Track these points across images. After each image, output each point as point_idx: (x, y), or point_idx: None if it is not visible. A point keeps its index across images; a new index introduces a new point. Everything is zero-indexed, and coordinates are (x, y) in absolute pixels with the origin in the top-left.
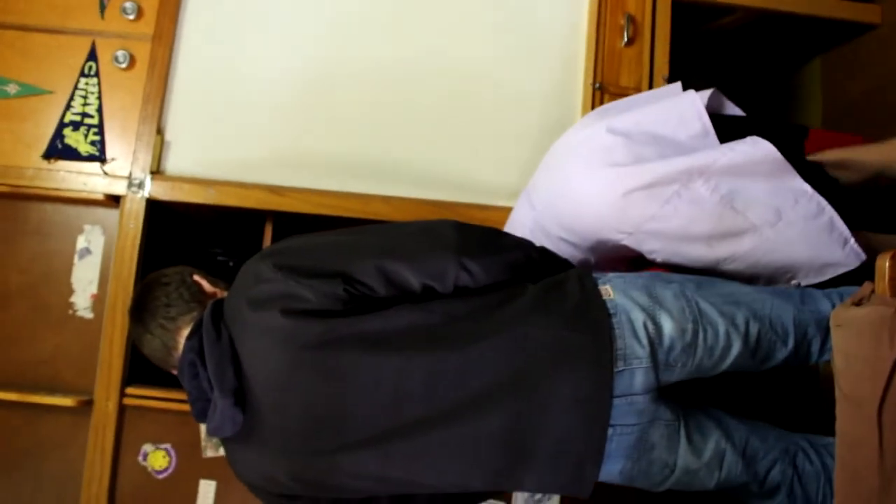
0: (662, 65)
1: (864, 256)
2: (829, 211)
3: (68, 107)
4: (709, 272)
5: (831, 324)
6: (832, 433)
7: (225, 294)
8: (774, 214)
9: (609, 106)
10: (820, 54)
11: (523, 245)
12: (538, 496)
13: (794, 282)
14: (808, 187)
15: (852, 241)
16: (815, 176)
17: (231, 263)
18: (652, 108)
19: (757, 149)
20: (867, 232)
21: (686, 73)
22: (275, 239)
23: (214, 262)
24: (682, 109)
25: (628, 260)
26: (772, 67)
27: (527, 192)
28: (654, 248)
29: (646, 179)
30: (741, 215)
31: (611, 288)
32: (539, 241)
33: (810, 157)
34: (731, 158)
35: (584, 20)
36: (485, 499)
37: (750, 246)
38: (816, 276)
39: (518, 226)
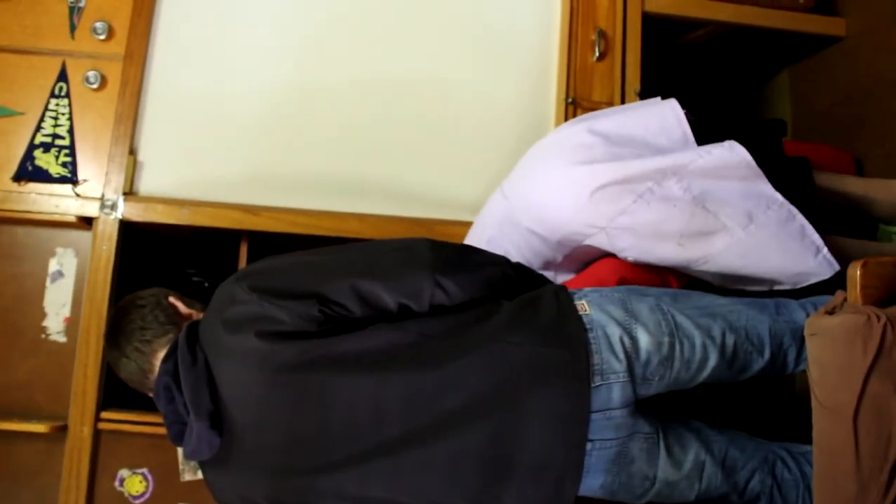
0: (634, 79)
1: (837, 267)
2: (801, 219)
3: (38, 128)
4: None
5: (805, 333)
6: (810, 441)
7: (201, 315)
8: (746, 217)
9: (592, 113)
10: (788, 66)
11: (498, 261)
12: None
13: (766, 287)
14: (779, 196)
15: (825, 250)
16: (795, 175)
17: (206, 284)
18: (634, 113)
19: (733, 154)
20: (842, 238)
21: (657, 86)
22: (250, 258)
23: (189, 283)
24: (664, 116)
25: (591, 260)
26: (741, 80)
27: (501, 185)
28: (626, 246)
29: (620, 175)
30: (713, 215)
31: (587, 303)
32: (507, 233)
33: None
34: (707, 161)
35: (556, 36)
36: None
37: (722, 246)
38: (790, 285)
39: (488, 217)
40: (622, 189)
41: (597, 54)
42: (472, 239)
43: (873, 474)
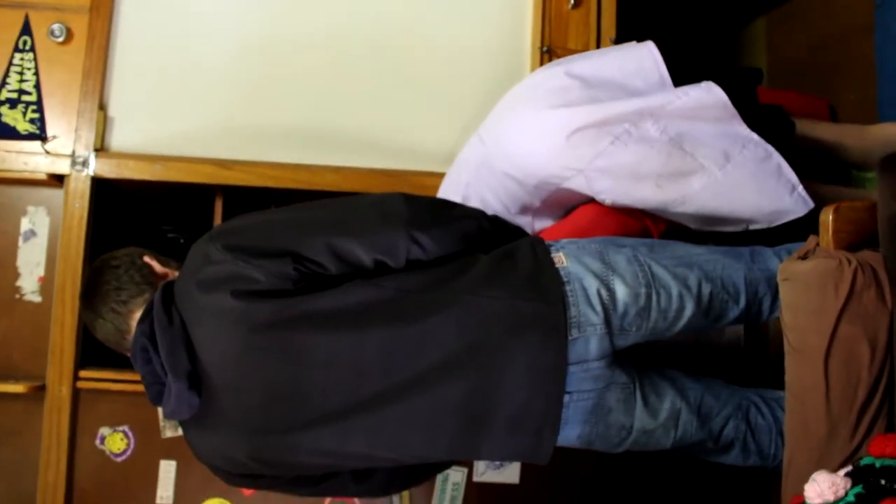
0: (609, 27)
1: (811, 204)
2: (777, 157)
3: (3, 84)
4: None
5: (778, 278)
6: (783, 388)
7: (177, 274)
8: (723, 157)
9: (570, 56)
10: (764, 14)
11: (474, 215)
12: (498, 462)
13: (742, 227)
14: (754, 135)
15: (800, 187)
16: (771, 120)
17: (182, 240)
18: (611, 55)
19: (710, 95)
20: (817, 182)
21: (632, 35)
22: (225, 213)
23: (165, 240)
24: (640, 58)
25: (570, 207)
26: (717, 28)
27: (478, 130)
28: (604, 188)
29: (597, 117)
30: (690, 156)
31: (563, 255)
32: (483, 178)
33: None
34: (684, 102)
35: None
36: (447, 466)
37: (699, 187)
38: (766, 223)
39: (464, 163)
40: (599, 131)
41: (572, 2)
42: (449, 184)
43: (842, 415)
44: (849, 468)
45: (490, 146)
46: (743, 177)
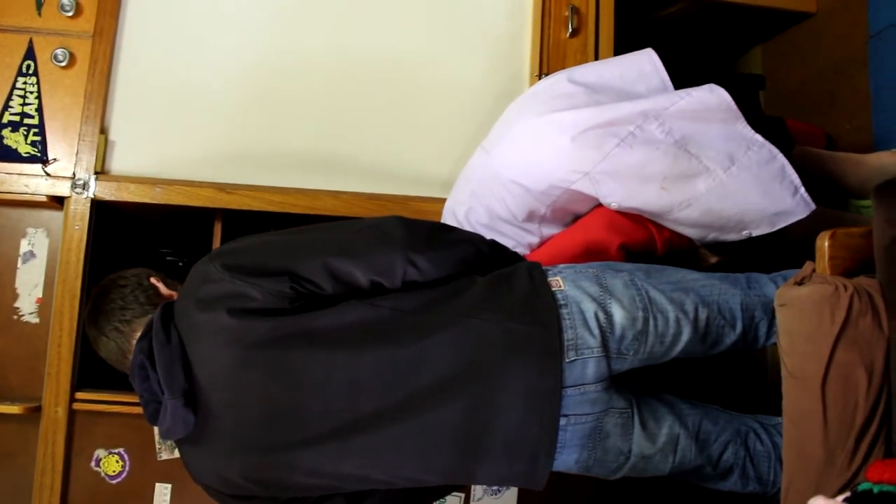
0: (607, 55)
1: (813, 206)
2: (781, 158)
3: (6, 107)
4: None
5: (775, 304)
6: (781, 413)
7: None
8: (728, 159)
9: (572, 67)
10: (760, 43)
11: (473, 239)
12: (495, 487)
13: (745, 233)
14: (759, 137)
15: (802, 189)
16: (772, 130)
17: (181, 263)
18: (612, 63)
19: (713, 95)
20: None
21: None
22: (224, 237)
23: (164, 263)
24: (641, 64)
25: (578, 214)
26: (714, 57)
27: (481, 143)
28: (611, 191)
29: (602, 119)
30: (695, 158)
31: (561, 279)
32: (489, 188)
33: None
34: (688, 103)
35: (529, 11)
36: (444, 493)
37: (704, 189)
38: (768, 227)
39: (470, 173)
40: (605, 133)
41: (570, 30)
42: (455, 197)
43: (840, 441)
44: (847, 494)
45: (496, 155)
46: (748, 179)
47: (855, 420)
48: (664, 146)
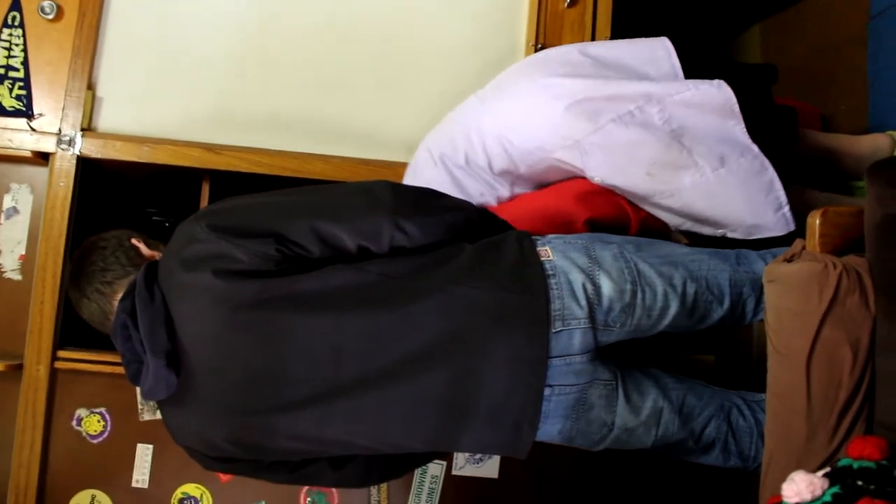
0: (605, 27)
1: (792, 226)
2: (771, 172)
3: None
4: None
5: (764, 280)
6: (765, 390)
7: None
8: (718, 160)
9: (586, 42)
10: (759, 21)
11: (462, 206)
12: (478, 456)
13: (720, 231)
14: (754, 147)
15: (786, 208)
16: (780, 124)
17: (167, 223)
18: (624, 43)
19: (720, 93)
20: (813, 190)
21: (627, 37)
22: (212, 198)
23: (150, 223)
24: (655, 49)
25: (554, 181)
26: (711, 34)
27: (476, 92)
28: (597, 164)
29: (603, 92)
30: (686, 151)
31: (550, 249)
32: (472, 136)
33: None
34: (693, 95)
35: None
36: (426, 460)
37: (689, 183)
38: (744, 235)
39: (459, 118)
40: (602, 107)
41: (568, 1)
42: (436, 138)
43: (823, 417)
44: (827, 469)
45: (490, 107)
46: (734, 184)
47: (838, 397)
48: (659, 133)
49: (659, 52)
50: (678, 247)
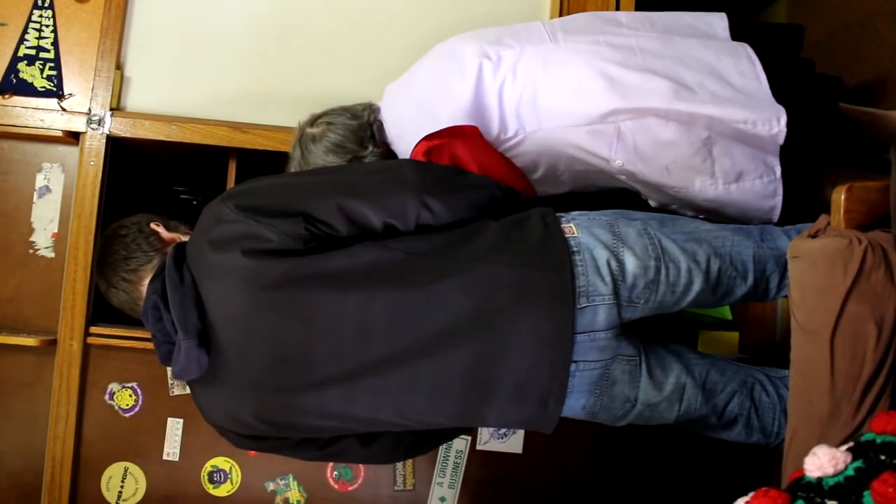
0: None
1: None
2: (779, 200)
3: (22, 40)
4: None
5: (788, 255)
6: (787, 367)
7: (185, 238)
8: (735, 175)
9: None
10: None
11: (487, 184)
12: (503, 431)
13: (689, 214)
14: (778, 170)
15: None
16: (841, 140)
17: (195, 202)
18: (714, 46)
19: (779, 126)
20: (841, 169)
21: (652, 9)
22: (239, 176)
23: (178, 201)
24: (739, 57)
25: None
26: (737, 7)
27: (553, 24)
28: (624, 146)
29: (674, 107)
30: (710, 161)
31: (574, 226)
32: (519, 71)
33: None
34: (750, 130)
35: None
36: (453, 436)
37: (699, 187)
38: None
39: (526, 35)
40: (664, 111)
41: None
42: (483, 37)
43: (846, 393)
44: (850, 444)
45: (557, 54)
46: (738, 198)
47: (862, 373)
48: (693, 137)
49: (744, 64)
50: (702, 223)
